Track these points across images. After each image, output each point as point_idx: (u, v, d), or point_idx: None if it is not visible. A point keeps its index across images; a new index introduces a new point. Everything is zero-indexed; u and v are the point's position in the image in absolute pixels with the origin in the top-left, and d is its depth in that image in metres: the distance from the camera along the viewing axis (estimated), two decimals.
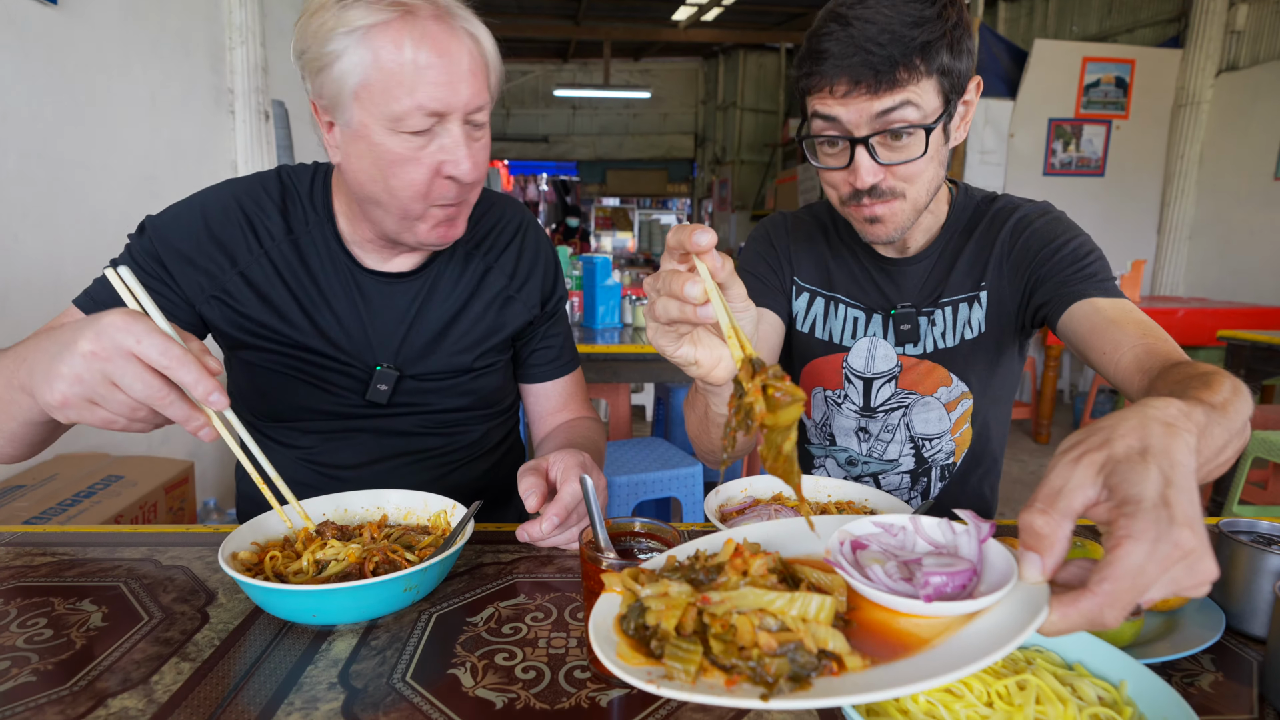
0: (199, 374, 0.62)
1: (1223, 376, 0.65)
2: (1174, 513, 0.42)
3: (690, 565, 0.52)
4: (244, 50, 3.19)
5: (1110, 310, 0.90)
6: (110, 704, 0.56)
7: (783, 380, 0.50)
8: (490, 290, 1.06)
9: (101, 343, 0.61)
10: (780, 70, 10.55)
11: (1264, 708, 0.58)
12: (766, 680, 0.42)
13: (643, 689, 0.42)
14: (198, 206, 0.96)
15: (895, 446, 1.14)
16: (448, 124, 0.84)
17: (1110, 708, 0.49)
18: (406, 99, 0.80)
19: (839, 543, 0.53)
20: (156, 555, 0.83)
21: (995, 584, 0.47)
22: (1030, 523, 0.46)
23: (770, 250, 1.18)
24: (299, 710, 0.56)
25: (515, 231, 1.10)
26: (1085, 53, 5.25)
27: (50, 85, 2.19)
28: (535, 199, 13.15)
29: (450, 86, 0.82)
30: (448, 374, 1.03)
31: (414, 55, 0.80)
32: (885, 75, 0.86)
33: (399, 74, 0.80)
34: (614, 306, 2.95)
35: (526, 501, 0.80)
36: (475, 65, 0.84)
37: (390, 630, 0.68)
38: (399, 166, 0.84)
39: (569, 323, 1.20)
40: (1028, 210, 1.07)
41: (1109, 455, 0.46)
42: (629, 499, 2.21)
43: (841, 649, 0.43)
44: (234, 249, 0.95)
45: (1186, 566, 0.42)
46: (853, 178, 0.93)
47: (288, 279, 0.96)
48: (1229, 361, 3.07)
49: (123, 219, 2.52)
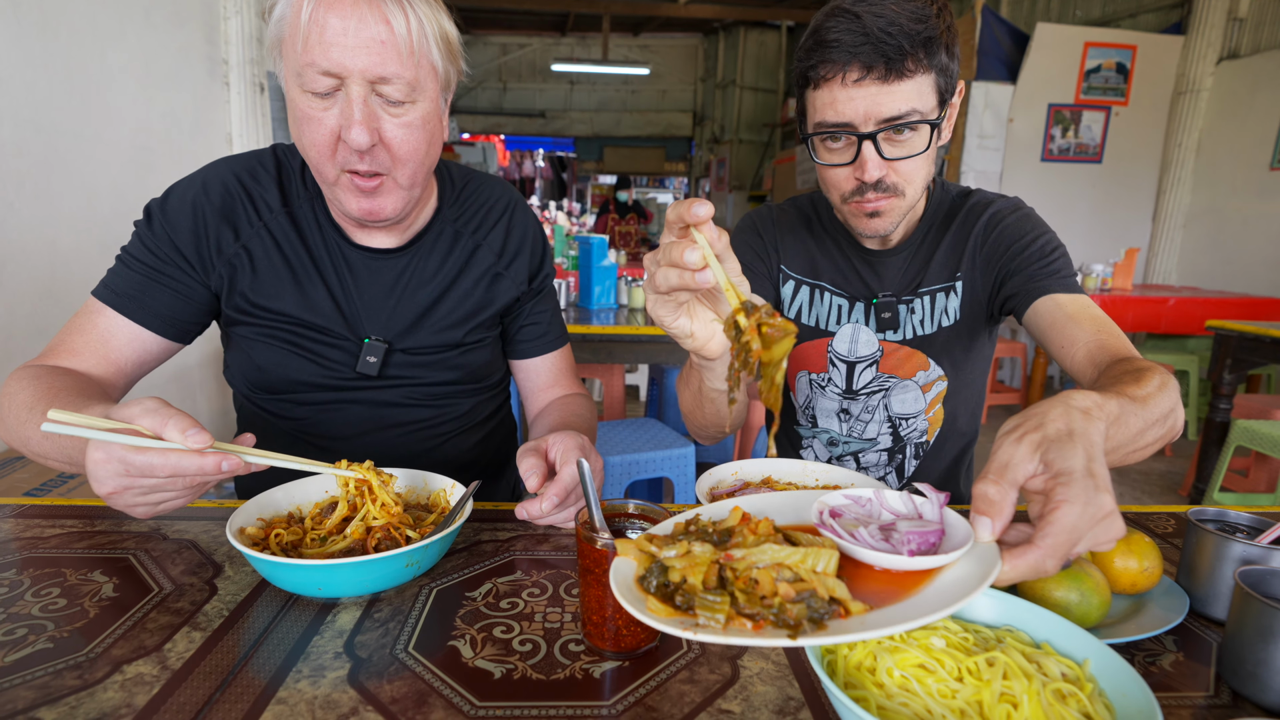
0: (190, 461, 0.68)
1: (1154, 373, 0.74)
2: (1098, 482, 0.52)
3: (703, 529, 0.58)
4: (238, 20, 3.15)
5: (1070, 306, 0.97)
6: (126, 670, 0.59)
7: (774, 317, 0.57)
8: (479, 267, 1.08)
9: (107, 488, 0.69)
10: (781, 48, 10.43)
11: (1220, 686, 0.61)
12: (789, 624, 0.48)
13: (680, 636, 0.48)
14: (199, 183, 0.98)
15: (874, 426, 1.20)
16: (348, 87, 0.84)
17: (1073, 684, 0.52)
18: (304, 54, 0.83)
19: (818, 511, 0.60)
20: (163, 529, 0.85)
21: (957, 544, 0.55)
22: (984, 491, 0.55)
23: (758, 239, 1.22)
24: (307, 678, 0.58)
25: (503, 211, 1.13)
26: (1087, 38, 5.22)
27: (44, 55, 2.17)
28: (531, 175, 13.03)
29: (346, 50, 0.82)
30: (436, 349, 1.06)
31: (317, 13, 0.82)
32: (896, 63, 0.90)
33: (301, 29, 0.82)
34: (609, 287, 2.96)
35: (527, 481, 0.83)
36: (389, 36, 0.84)
37: (393, 604, 0.70)
38: (305, 124, 0.86)
39: (557, 300, 1.23)
40: (1000, 206, 1.12)
41: (1044, 435, 0.55)
42: (622, 479, 2.24)
43: (845, 596, 0.50)
44: (237, 222, 0.98)
45: (1105, 525, 0.52)
46: (859, 172, 0.98)
47: (286, 250, 0.99)
48: (1216, 351, 3.11)
49: (117, 189, 2.51)
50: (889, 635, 0.45)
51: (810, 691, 0.59)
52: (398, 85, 0.86)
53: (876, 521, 0.60)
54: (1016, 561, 0.52)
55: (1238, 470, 3.31)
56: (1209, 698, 0.60)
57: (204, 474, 0.69)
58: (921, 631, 0.56)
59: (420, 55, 0.87)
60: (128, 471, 0.67)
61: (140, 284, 0.95)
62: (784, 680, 0.60)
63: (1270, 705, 0.57)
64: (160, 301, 0.95)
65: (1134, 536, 0.72)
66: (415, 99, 0.88)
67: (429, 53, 0.88)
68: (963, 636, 0.56)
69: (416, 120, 0.90)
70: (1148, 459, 3.79)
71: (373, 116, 0.86)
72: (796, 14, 9.16)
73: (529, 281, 1.13)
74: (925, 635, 0.55)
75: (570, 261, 3.58)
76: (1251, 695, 0.58)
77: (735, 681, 0.60)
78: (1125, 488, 3.61)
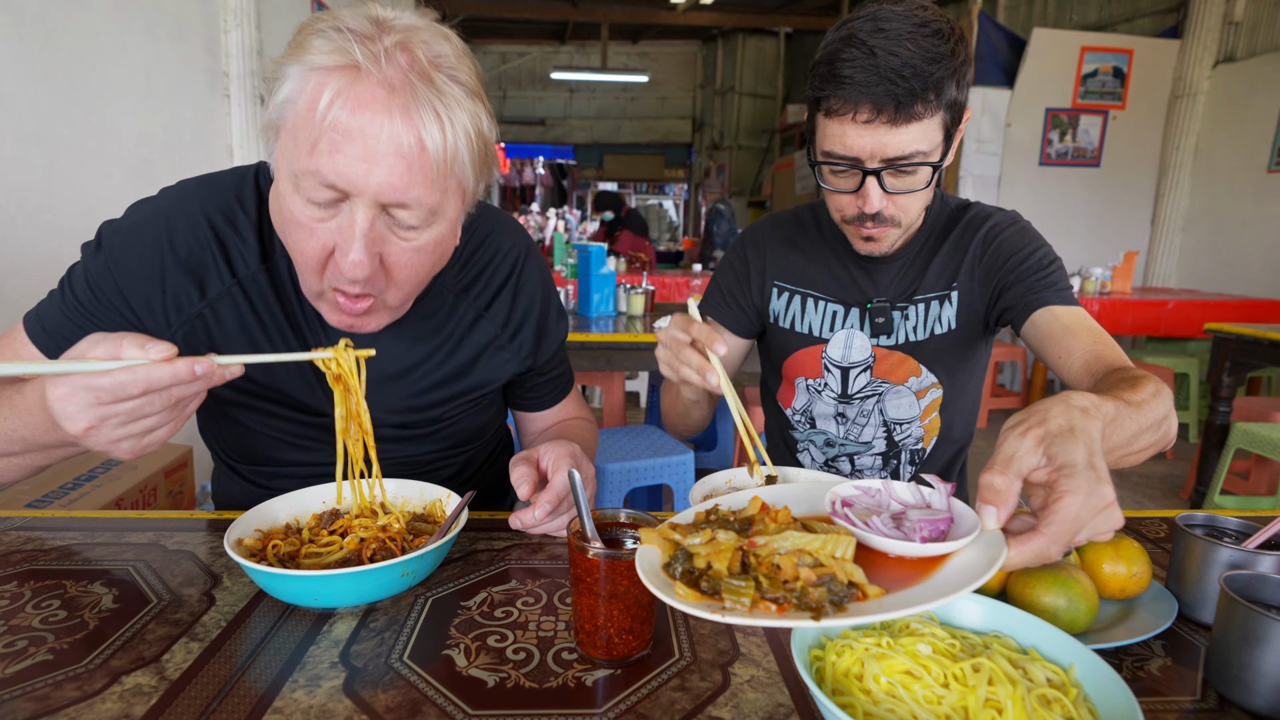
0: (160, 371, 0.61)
1: (1148, 381, 0.77)
2: (1099, 474, 0.56)
3: (724, 518, 0.61)
4: (239, 33, 3.18)
5: (1066, 318, 1.00)
6: (125, 680, 0.59)
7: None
8: (478, 342, 0.97)
9: (82, 424, 0.61)
10: (779, 55, 10.47)
11: (1207, 690, 0.62)
12: (811, 606, 0.51)
13: (709, 618, 0.50)
14: (163, 222, 0.83)
15: (870, 429, 1.22)
16: (353, 204, 0.70)
17: (1058, 689, 0.52)
18: (309, 158, 0.68)
19: (831, 502, 0.63)
20: (162, 540, 0.86)
21: (965, 531, 0.58)
22: (990, 482, 0.58)
23: (743, 264, 1.25)
24: (303, 687, 0.59)
25: (510, 271, 0.99)
26: (1083, 42, 5.24)
27: (46, 69, 2.19)
28: (531, 182, 13.08)
29: (363, 165, 0.68)
30: (426, 423, 0.97)
31: (338, 112, 0.67)
32: (905, 107, 0.92)
33: (314, 127, 0.67)
34: (608, 295, 2.97)
35: (519, 490, 0.83)
36: (416, 154, 0.69)
37: (389, 613, 0.71)
38: (294, 229, 0.73)
39: (564, 343, 1.11)
40: (999, 219, 1.14)
41: (1047, 430, 0.58)
42: (621, 486, 2.24)
43: (863, 581, 0.53)
44: (205, 277, 0.83)
45: (1106, 515, 0.56)
46: (860, 202, 1.01)
47: (261, 314, 0.86)
48: (1215, 354, 3.11)
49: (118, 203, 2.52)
50: (909, 615, 0.50)
51: (800, 698, 0.59)
52: (416, 211, 0.72)
53: (887, 511, 0.63)
54: (1022, 548, 0.55)
55: (1239, 473, 3.31)
56: (1196, 702, 0.61)
57: (179, 380, 0.62)
58: (908, 638, 0.57)
59: (450, 175, 0.73)
60: (99, 399, 0.60)
61: (71, 328, 0.83)
62: (774, 687, 0.61)
63: (1256, 709, 0.58)
64: None
65: (1123, 542, 0.73)
66: (433, 222, 0.75)
67: (461, 170, 0.74)
68: (949, 643, 0.56)
69: (428, 244, 0.76)
70: (1149, 462, 3.79)
71: (377, 240, 0.72)
72: (795, 21, 9.20)
73: (536, 355, 1.03)
74: (912, 642, 0.56)
75: (569, 269, 3.59)
76: (1237, 699, 0.59)
77: (726, 689, 0.60)
78: (1126, 491, 3.61)
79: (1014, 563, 0.55)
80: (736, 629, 0.69)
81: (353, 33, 0.68)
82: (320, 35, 0.69)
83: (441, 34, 0.74)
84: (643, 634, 0.64)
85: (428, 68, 0.70)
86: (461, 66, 0.73)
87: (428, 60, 0.70)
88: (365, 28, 0.69)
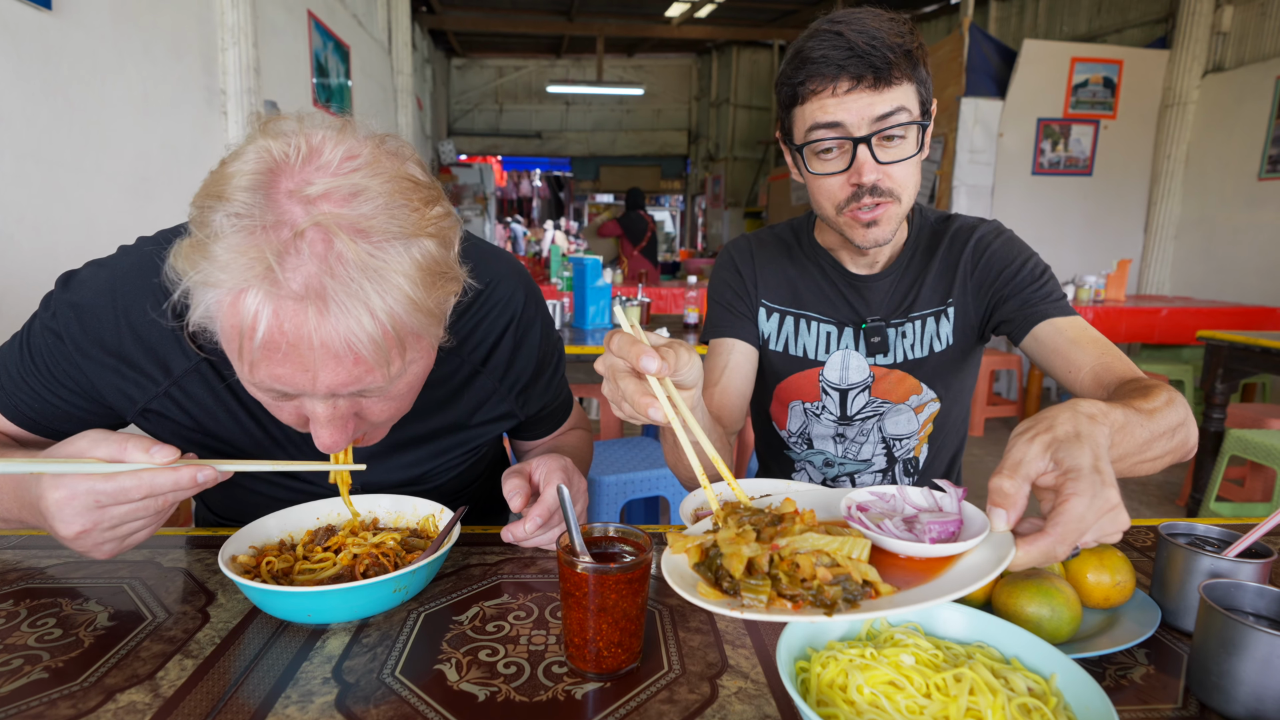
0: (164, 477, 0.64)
1: (1161, 389, 0.77)
2: (1105, 478, 0.58)
3: (754, 511, 0.64)
4: (236, 51, 3.21)
5: (1070, 330, 1.01)
6: (119, 698, 0.60)
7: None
8: (475, 398, 0.95)
9: (75, 528, 0.64)
10: (773, 67, 10.56)
11: (1188, 698, 0.63)
12: (826, 603, 0.54)
13: (728, 615, 0.53)
14: (121, 304, 0.77)
15: (869, 447, 1.21)
16: (309, 398, 0.67)
17: (1039, 698, 0.53)
18: (247, 374, 0.65)
19: (846, 507, 0.66)
20: (158, 558, 0.86)
21: (975, 533, 0.60)
22: (999, 485, 0.60)
23: (736, 276, 1.22)
24: (295, 704, 0.60)
25: (509, 322, 0.94)
26: (1074, 53, 5.30)
27: (44, 88, 2.21)
28: (529, 194, 13.14)
29: (301, 373, 0.63)
30: (415, 479, 0.98)
31: (258, 336, 0.60)
32: (884, 73, 0.94)
33: (237, 350, 0.63)
34: (604, 307, 2.99)
35: (511, 502, 0.84)
36: (348, 354, 0.62)
37: (381, 629, 0.72)
38: (265, 402, 0.70)
39: (563, 368, 1.08)
40: (984, 230, 1.15)
41: (1054, 436, 0.60)
42: (618, 498, 2.25)
43: (876, 579, 0.56)
44: (167, 356, 0.79)
45: (1112, 517, 0.58)
46: (854, 177, 1.00)
47: (234, 384, 0.82)
48: (1208, 361, 3.13)
49: (117, 221, 2.54)
50: (919, 608, 0.52)
51: (788, 710, 0.60)
52: (375, 390, 0.68)
53: (900, 515, 0.66)
54: (1029, 548, 0.57)
55: (1234, 480, 3.32)
56: (1178, 709, 0.61)
57: (179, 489, 0.63)
58: (892, 649, 0.58)
59: (401, 344, 0.65)
60: (98, 503, 0.62)
61: (31, 393, 0.81)
62: (761, 699, 0.61)
63: (1235, 716, 0.59)
64: (55, 417, 0.82)
65: (1106, 551, 0.74)
66: (400, 378, 0.70)
67: (413, 332, 0.66)
68: (933, 653, 0.57)
69: (404, 389, 0.72)
70: None
71: (346, 414, 0.69)
72: (788, 33, 9.30)
73: (537, 406, 1.02)
74: (895, 653, 0.57)
75: (565, 282, 3.61)
76: (1217, 707, 0.60)
77: (714, 701, 0.61)
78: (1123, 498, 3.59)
79: (1021, 562, 0.57)
80: (726, 642, 0.70)
81: (259, 228, 0.59)
82: (220, 240, 0.59)
83: (364, 172, 0.62)
84: (631, 647, 0.64)
85: (348, 246, 0.59)
86: (393, 206, 0.62)
87: (349, 232, 0.60)
88: (266, 214, 0.59)
